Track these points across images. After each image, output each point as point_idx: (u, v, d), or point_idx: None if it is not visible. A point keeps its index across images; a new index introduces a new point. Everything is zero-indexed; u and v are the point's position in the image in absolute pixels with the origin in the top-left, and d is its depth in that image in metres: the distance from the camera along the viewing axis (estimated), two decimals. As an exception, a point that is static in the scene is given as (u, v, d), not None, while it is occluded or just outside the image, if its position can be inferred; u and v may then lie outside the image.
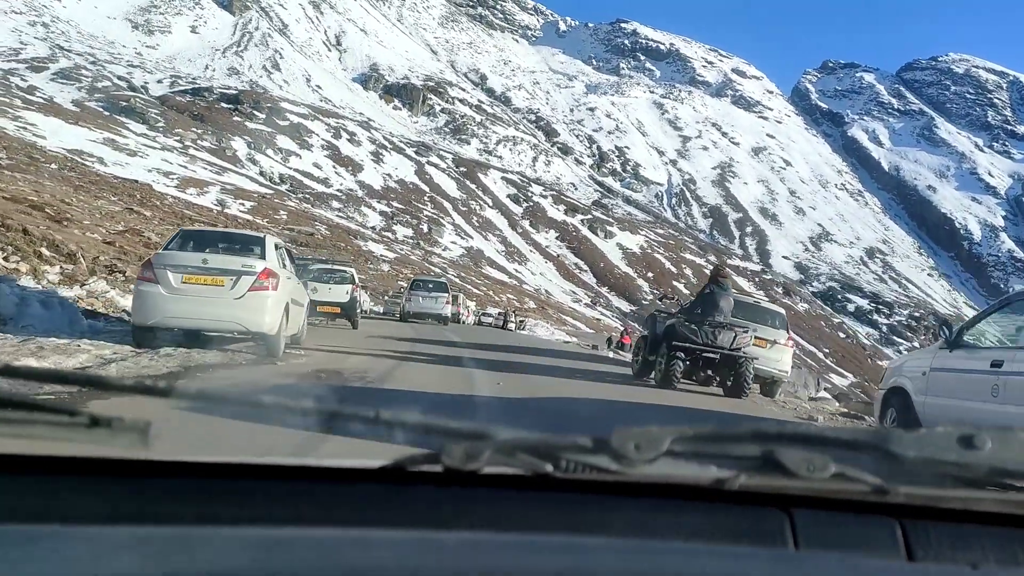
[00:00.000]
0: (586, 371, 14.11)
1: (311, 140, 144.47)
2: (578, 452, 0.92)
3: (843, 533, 0.97)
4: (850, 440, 0.90)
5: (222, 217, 44.21)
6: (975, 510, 1.00)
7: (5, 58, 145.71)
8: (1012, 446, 0.87)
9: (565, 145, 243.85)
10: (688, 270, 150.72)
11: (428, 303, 27.65)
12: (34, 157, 35.28)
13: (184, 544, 0.77)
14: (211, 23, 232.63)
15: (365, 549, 0.78)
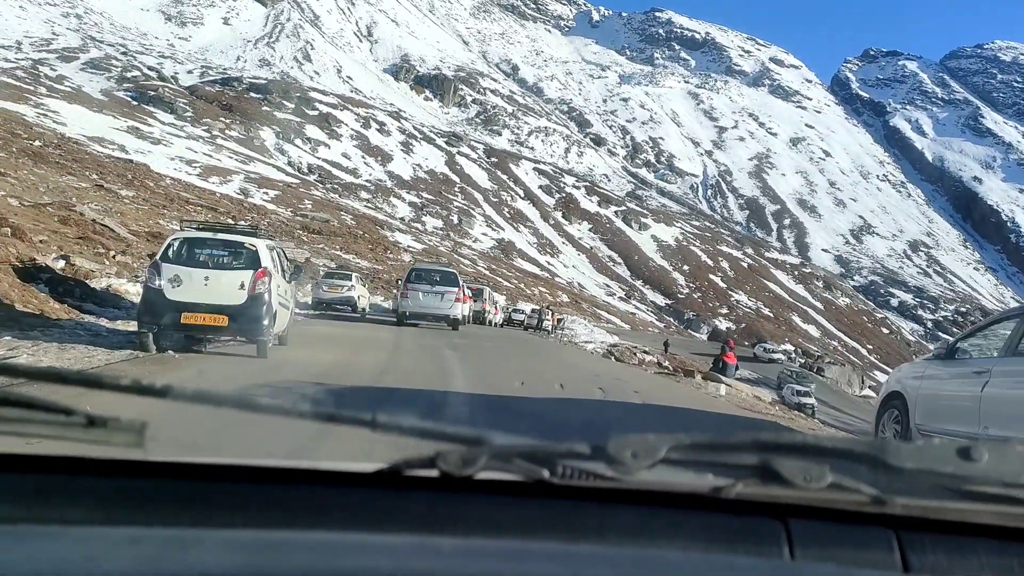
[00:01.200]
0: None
1: (340, 130, 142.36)
2: (575, 459, 0.91)
3: (839, 543, 0.96)
4: (847, 450, 0.89)
5: (227, 202, 41.76)
6: (971, 522, 0.99)
7: (36, 48, 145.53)
8: (1009, 459, 0.87)
9: (598, 136, 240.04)
10: (725, 263, 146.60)
11: (431, 301, 20.22)
12: (16, 133, 32.97)
13: (178, 545, 0.77)
14: (243, 15, 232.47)
15: (360, 553, 0.77)
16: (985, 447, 0.86)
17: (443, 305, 20.33)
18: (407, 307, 20.32)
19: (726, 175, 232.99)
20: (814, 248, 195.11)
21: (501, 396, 8.87)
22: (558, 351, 20.78)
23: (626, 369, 17.47)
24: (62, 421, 0.94)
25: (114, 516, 0.92)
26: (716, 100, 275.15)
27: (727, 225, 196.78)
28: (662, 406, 10.10)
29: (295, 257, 30.11)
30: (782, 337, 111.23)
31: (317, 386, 7.64)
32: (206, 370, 9.03)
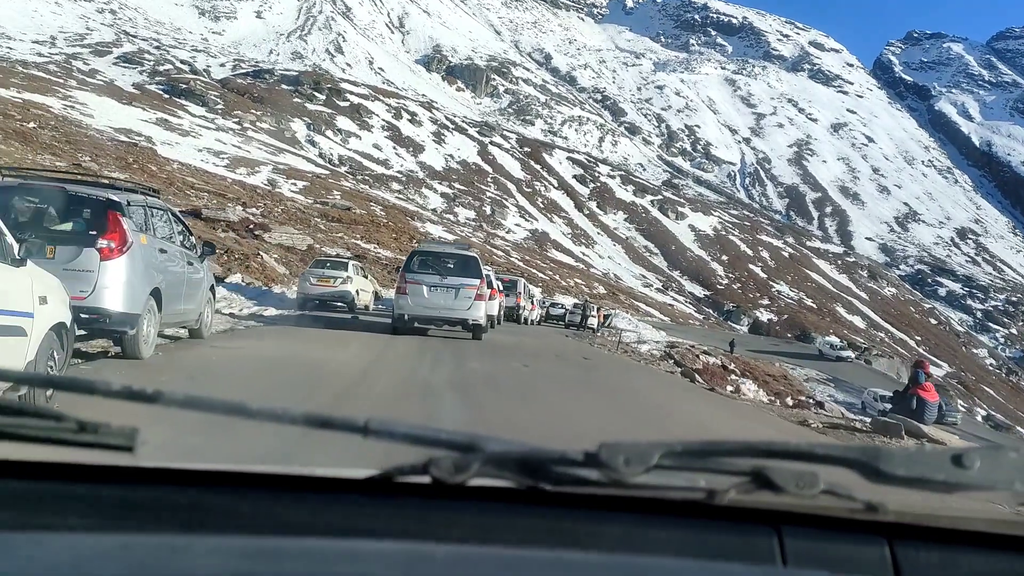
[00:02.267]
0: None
1: (371, 121, 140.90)
2: (567, 465, 0.91)
3: (831, 551, 0.97)
4: (840, 456, 0.88)
5: (238, 188, 39.97)
6: (964, 529, 0.99)
7: (70, 43, 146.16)
8: (1001, 465, 0.86)
9: (632, 125, 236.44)
10: (765, 253, 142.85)
11: (442, 298, 14.31)
12: (8, 114, 31.42)
13: (168, 552, 0.76)
14: (276, 8, 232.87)
15: (351, 561, 0.77)
16: (977, 454, 0.86)
17: (459, 304, 14.17)
18: (407, 308, 14.04)
19: (765, 163, 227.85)
20: (857, 237, 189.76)
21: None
22: (619, 369, 14.67)
23: (728, 406, 11.79)
24: (52, 427, 0.93)
25: (104, 522, 0.91)
26: (754, 86, 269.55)
27: (766, 214, 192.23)
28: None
29: (291, 242, 26.60)
30: (826, 329, 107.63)
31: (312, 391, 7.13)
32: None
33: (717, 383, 15.43)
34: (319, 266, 21.08)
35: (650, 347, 19.35)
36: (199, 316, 9.88)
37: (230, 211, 24.81)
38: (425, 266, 14.69)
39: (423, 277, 14.25)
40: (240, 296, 15.97)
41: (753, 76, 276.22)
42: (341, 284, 20.16)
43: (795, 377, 26.15)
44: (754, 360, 25.75)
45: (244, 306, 14.65)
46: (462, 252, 15.56)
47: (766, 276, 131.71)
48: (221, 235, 21.62)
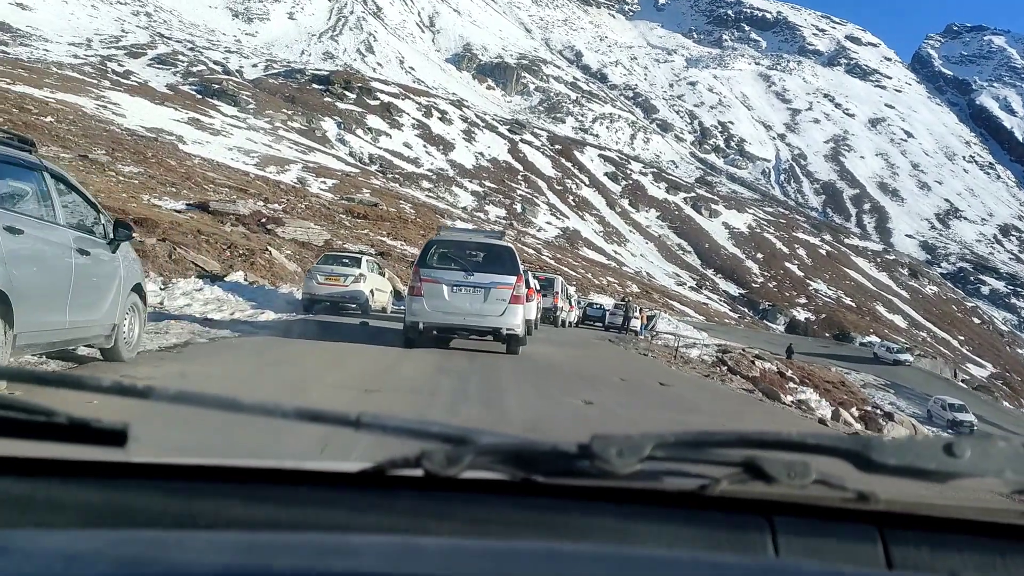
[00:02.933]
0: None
1: (401, 120, 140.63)
2: (560, 458, 0.91)
3: (823, 540, 0.96)
4: (832, 446, 0.88)
5: (260, 183, 39.31)
6: (955, 518, 0.99)
7: (105, 45, 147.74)
8: (992, 454, 0.86)
9: (664, 121, 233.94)
10: (801, 250, 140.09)
11: (466, 301, 11.41)
12: (25, 108, 30.99)
13: (160, 548, 0.76)
14: (308, 9, 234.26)
15: (344, 554, 0.76)
16: (968, 442, 0.86)
17: (490, 309, 11.12)
18: (422, 315, 10.94)
19: (800, 159, 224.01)
20: (897, 234, 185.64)
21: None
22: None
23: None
24: (42, 422, 0.92)
25: (96, 519, 0.91)
26: (789, 81, 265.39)
27: (802, 211, 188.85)
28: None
29: (306, 237, 24.39)
30: (866, 328, 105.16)
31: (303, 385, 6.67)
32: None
33: (778, 392, 13.96)
34: (327, 262, 18.13)
35: (700, 351, 17.66)
36: (112, 329, 6.80)
37: (240, 204, 23.63)
38: (446, 260, 11.43)
39: (443, 274, 11.13)
40: (236, 297, 14.19)
41: (788, 71, 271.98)
42: (352, 283, 17.44)
43: (852, 383, 24.58)
44: (809, 365, 24.18)
45: (237, 309, 12.93)
46: (493, 241, 11.95)
47: (803, 274, 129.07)
48: (228, 229, 20.41)
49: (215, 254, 16.06)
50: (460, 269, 11.23)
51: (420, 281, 11.15)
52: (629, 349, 19.26)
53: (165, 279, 12.31)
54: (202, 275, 14.38)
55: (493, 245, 11.86)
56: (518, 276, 11.33)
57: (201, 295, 12.67)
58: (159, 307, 11.24)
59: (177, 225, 16.35)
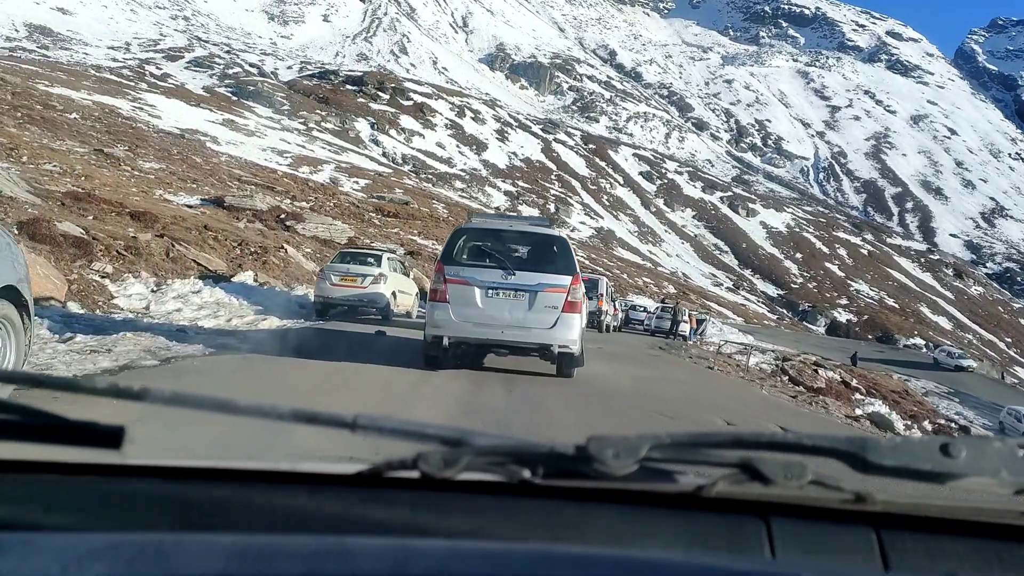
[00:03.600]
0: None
1: (435, 120, 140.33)
2: (557, 459, 0.90)
3: (820, 541, 0.96)
4: (828, 447, 0.88)
5: (287, 180, 38.74)
6: (952, 519, 0.99)
7: (144, 48, 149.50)
8: (988, 455, 0.86)
9: (700, 120, 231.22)
10: (842, 250, 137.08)
11: (506, 308, 8.64)
12: (50, 105, 30.77)
13: (156, 552, 0.75)
14: (342, 11, 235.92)
15: (340, 557, 0.76)
16: (964, 443, 0.86)
17: (536, 319, 8.64)
18: (447, 327, 8.60)
19: (840, 157, 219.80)
20: (941, 233, 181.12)
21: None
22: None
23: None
24: (38, 425, 0.92)
25: (92, 521, 0.90)
26: (828, 78, 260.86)
27: (842, 210, 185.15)
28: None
29: (328, 234, 22.63)
30: (910, 330, 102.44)
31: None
32: None
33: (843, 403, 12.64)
34: (343, 260, 15.96)
35: (759, 359, 16.28)
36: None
37: (258, 199, 22.63)
38: (479, 254, 8.92)
39: (475, 273, 8.60)
40: (240, 301, 12.77)
41: (827, 68, 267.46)
42: (372, 284, 15.24)
43: (915, 391, 23.08)
44: (870, 373, 22.76)
45: (236, 315, 11.57)
46: (541, 230, 9.31)
47: (844, 275, 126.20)
48: (242, 225, 19.40)
49: (223, 252, 14.90)
50: (497, 266, 8.67)
51: (444, 283, 8.59)
52: (688, 359, 17.20)
53: (159, 279, 11.09)
54: (204, 275, 13.26)
55: (541, 235, 9.22)
56: (574, 276, 8.68)
57: (198, 298, 11.48)
58: (142, 312, 10.08)
59: (181, 220, 15.27)
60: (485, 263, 8.73)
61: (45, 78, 73.81)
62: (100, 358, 7.00)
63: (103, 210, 12.91)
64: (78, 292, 9.36)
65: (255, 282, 14.31)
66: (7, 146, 15.46)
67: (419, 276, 20.71)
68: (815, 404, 12.16)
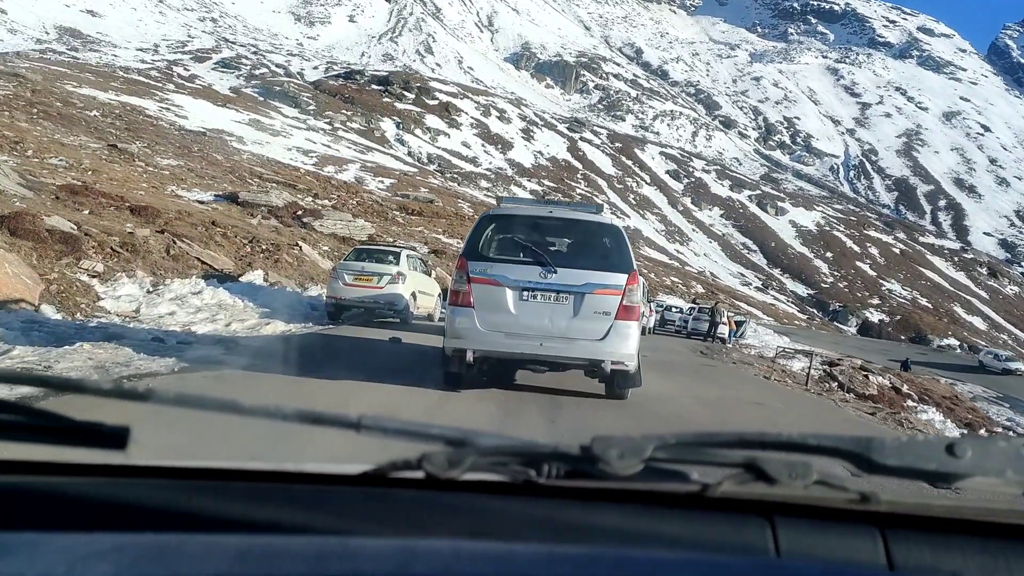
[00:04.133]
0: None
1: (460, 119, 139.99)
2: (561, 460, 0.90)
3: (825, 541, 0.96)
4: (833, 447, 0.88)
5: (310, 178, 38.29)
6: (957, 518, 0.98)
7: (172, 50, 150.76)
8: (993, 454, 0.86)
9: (727, 118, 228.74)
10: (873, 249, 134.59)
11: (544, 315, 6.99)
12: (70, 102, 30.58)
13: (161, 552, 0.75)
14: (368, 11, 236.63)
15: (345, 557, 0.76)
16: (969, 443, 0.86)
17: (582, 327, 7.05)
18: (471, 338, 7.03)
19: (871, 154, 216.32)
20: (975, 232, 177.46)
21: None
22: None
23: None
24: (44, 426, 0.92)
25: (97, 521, 0.90)
26: (858, 75, 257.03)
27: (873, 208, 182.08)
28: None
29: (347, 231, 21.81)
30: (944, 330, 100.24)
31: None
32: None
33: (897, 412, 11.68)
34: (358, 258, 14.60)
35: (804, 364, 15.24)
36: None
37: (274, 195, 21.94)
38: (511, 248, 7.34)
39: (506, 271, 7.04)
40: (245, 303, 11.79)
41: (857, 64, 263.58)
42: (389, 284, 13.90)
43: (963, 396, 21.98)
44: (917, 377, 21.70)
45: (237, 319, 10.54)
46: (589, 217, 7.69)
47: (875, 274, 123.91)
48: (256, 222, 18.59)
49: (232, 250, 14.10)
50: (534, 262, 7.06)
51: (468, 282, 6.99)
52: (733, 365, 15.74)
53: (157, 279, 10.23)
54: (208, 275, 12.33)
55: (590, 223, 7.55)
56: (631, 274, 7.15)
57: (197, 300, 10.53)
58: (130, 317, 9.17)
59: (186, 215, 14.50)
60: (519, 258, 7.18)
61: (73, 79, 74.32)
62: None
63: (101, 204, 12.31)
64: (58, 294, 8.55)
65: (265, 282, 13.43)
66: (12, 140, 15.00)
67: (442, 276, 19.74)
68: (902, 422, 10.86)
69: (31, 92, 28.24)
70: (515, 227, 7.41)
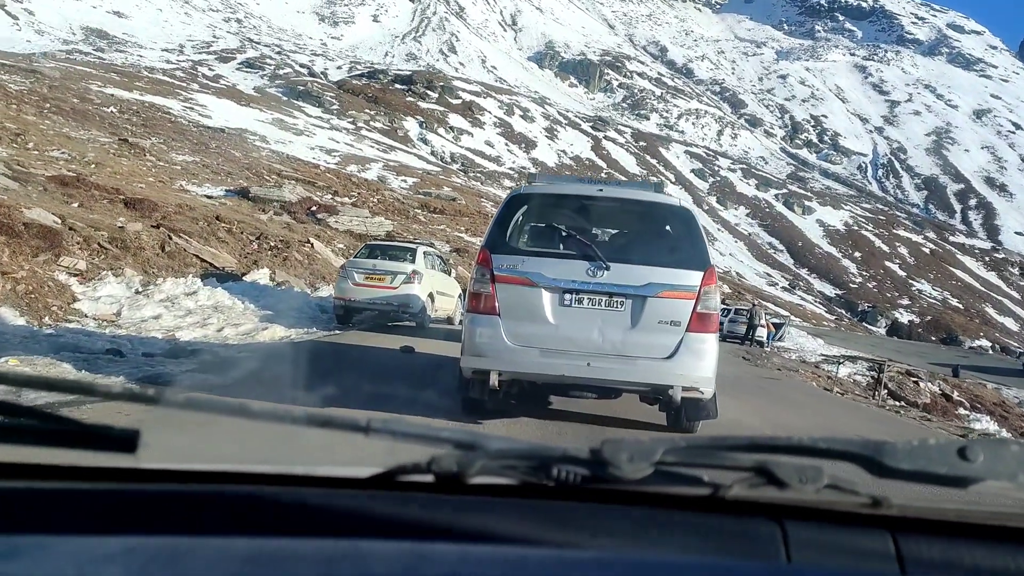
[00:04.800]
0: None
1: (483, 118, 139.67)
2: (571, 463, 0.89)
3: (836, 545, 0.95)
4: (844, 451, 0.87)
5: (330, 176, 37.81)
6: (969, 523, 0.97)
7: (197, 50, 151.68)
8: (1005, 458, 0.85)
9: (753, 116, 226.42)
10: (903, 248, 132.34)
11: (592, 324, 5.38)
12: (87, 98, 30.36)
13: (171, 555, 0.75)
14: (391, 11, 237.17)
15: (354, 560, 0.76)
16: (981, 446, 0.84)
17: (643, 341, 5.47)
18: (497, 355, 5.47)
19: (899, 153, 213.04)
20: (1006, 231, 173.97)
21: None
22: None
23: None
24: (54, 429, 0.92)
25: (107, 525, 0.90)
26: (886, 72, 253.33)
27: (902, 207, 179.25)
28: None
29: (363, 228, 21.00)
30: (976, 331, 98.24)
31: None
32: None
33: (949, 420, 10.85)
34: (370, 255, 13.39)
35: (849, 369, 14.34)
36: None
37: (287, 190, 21.27)
38: (547, 237, 5.93)
39: (542, 267, 5.52)
40: (246, 304, 10.86)
41: (885, 62, 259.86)
42: (404, 284, 12.66)
43: (1009, 402, 21.03)
44: (962, 382, 20.72)
45: (231, 323, 9.67)
46: (651, 197, 6.17)
47: (905, 274, 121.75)
48: (266, 217, 17.83)
49: (237, 247, 13.30)
50: (579, 255, 5.51)
51: (492, 282, 5.44)
52: (778, 371, 14.29)
53: (148, 278, 9.44)
54: (208, 273, 11.54)
55: (653, 204, 6.04)
56: (707, 271, 5.60)
57: (190, 301, 9.67)
58: (109, 321, 8.31)
59: (187, 209, 13.73)
60: (559, 250, 5.58)
61: (99, 79, 74.66)
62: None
63: (93, 197, 11.67)
64: (26, 294, 7.68)
65: (271, 281, 12.65)
66: (13, 132, 14.53)
67: (464, 275, 18.73)
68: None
69: (47, 88, 28.07)
70: (554, 210, 5.87)
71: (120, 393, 0.95)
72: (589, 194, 6.03)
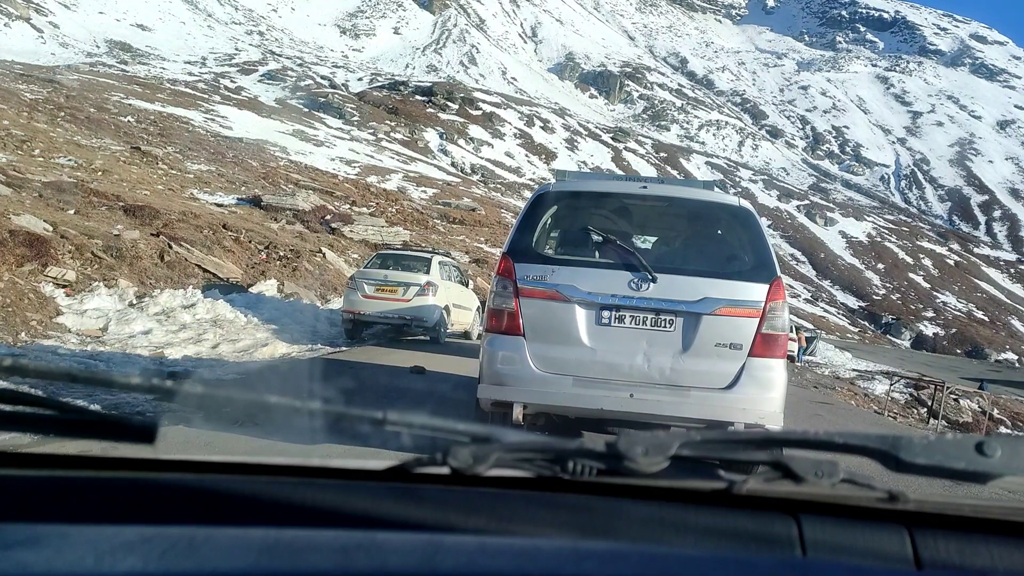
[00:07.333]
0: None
1: (503, 129, 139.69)
2: (586, 456, 0.90)
3: (851, 540, 0.94)
4: (860, 445, 0.87)
5: (348, 185, 37.60)
6: (986, 518, 0.97)
7: (219, 63, 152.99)
8: (1022, 453, 0.84)
9: (774, 127, 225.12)
10: (927, 260, 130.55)
11: (636, 348, 4.49)
12: (104, 108, 30.34)
13: (188, 545, 0.76)
14: (412, 23, 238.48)
15: (370, 551, 0.76)
16: (998, 441, 0.83)
17: (697, 368, 4.66)
18: (522, 385, 4.68)
19: (922, 164, 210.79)
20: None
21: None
22: None
23: None
24: (73, 420, 0.93)
25: (125, 514, 0.92)
26: (909, 83, 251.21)
27: (926, 218, 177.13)
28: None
29: (379, 237, 20.71)
30: (1002, 344, 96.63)
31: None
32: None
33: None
34: (382, 264, 12.51)
35: (885, 388, 13.64)
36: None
37: (300, 198, 20.83)
38: (582, 243, 5.09)
39: (575, 278, 4.67)
40: (248, 318, 10.31)
41: (908, 73, 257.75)
42: (417, 296, 11.74)
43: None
44: (999, 397, 20.07)
45: (228, 339, 9.10)
46: (705, 196, 5.29)
47: (929, 286, 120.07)
48: (277, 226, 17.42)
49: (244, 256, 12.88)
50: (620, 265, 4.71)
51: (516, 296, 4.61)
52: (815, 389, 13.31)
53: (144, 289, 9.02)
54: (211, 284, 11.03)
55: (706, 206, 5.24)
56: (774, 283, 4.91)
57: (187, 315, 9.08)
58: (93, 336, 7.76)
59: (192, 217, 13.39)
60: (594, 258, 4.77)
61: (121, 91, 75.28)
62: None
63: (91, 203, 11.33)
64: (2, 307, 7.12)
65: (279, 293, 12.02)
66: (20, 139, 14.29)
67: (482, 287, 17.96)
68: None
69: (64, 98, 28.11)
70: (588, 211, 4.97)
71: (138, 385, 0.95)
72: (631, 192, 5.20)
